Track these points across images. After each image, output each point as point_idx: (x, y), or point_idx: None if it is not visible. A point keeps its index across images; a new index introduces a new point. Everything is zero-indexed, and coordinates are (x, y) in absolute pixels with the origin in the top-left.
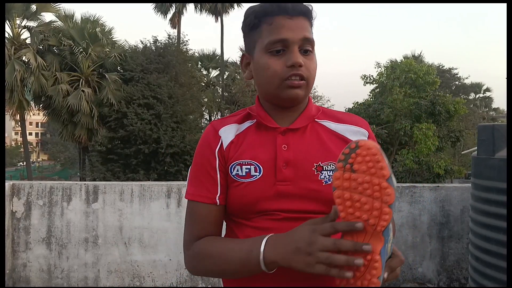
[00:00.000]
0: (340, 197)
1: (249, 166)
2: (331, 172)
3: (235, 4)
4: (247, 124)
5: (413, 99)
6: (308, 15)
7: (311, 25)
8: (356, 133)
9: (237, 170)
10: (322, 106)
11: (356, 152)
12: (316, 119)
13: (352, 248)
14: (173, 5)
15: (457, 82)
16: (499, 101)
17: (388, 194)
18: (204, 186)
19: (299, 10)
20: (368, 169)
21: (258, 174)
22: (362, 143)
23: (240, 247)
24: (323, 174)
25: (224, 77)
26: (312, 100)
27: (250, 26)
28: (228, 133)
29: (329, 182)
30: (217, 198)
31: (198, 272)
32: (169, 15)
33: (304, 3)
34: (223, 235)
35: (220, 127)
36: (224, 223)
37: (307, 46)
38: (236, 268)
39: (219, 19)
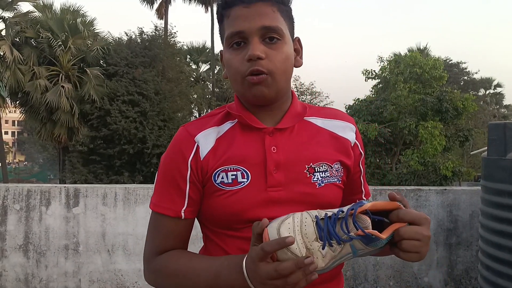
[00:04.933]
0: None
1: (235, 172)
2: (323, 173)
3: None
4: (228, 125)
5: (418, 96)
6: None
7: (280, 9)
8: (344, 128)
9: (222, 178)
10: (321, 102)
11: None
12: (303, 117)
13: (295, 268)
14: None
15: (465, 77)
16: (511, 98)
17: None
18: (170, 197)
19: None
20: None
21: (246, 180)
22: None
23: (207, 268)
24: (316, 177)
25: (215, 72)
26: (310, 96)
27: (218, 21)
28: (207, 140)
29: (322, 185)
30: (182, 211)
31: (160, 287)
32: (156, 5)
33: None
34: (197, 248)
35: (196, 132)
36: (199, 235)
37: (271, 34)
38: None
39: (209, 9)
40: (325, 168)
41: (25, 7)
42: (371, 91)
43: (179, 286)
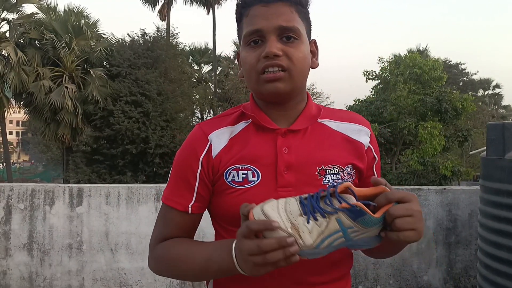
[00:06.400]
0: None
1: (246, 171)
2: (334, 176)
3: None
4: (242, 125)
5: (418, 96)
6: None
7: (298, 10)
8: (359, 132)
9: (233, 176)
10: (321, 103)
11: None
12: (317, 119)
13: (277, 245)
14: None
15: (465, 78)
16: (510, 98)
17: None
18: (179, 191)
19: None
20: None
21: (256, 179)
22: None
23: (202, 251)
24: (327, 179)
25: (217, 73)
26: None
27: (236, 20)
28: (220, 139)
29: None
30: (189, 206)
31: (160, 273)
32: (158, 7)
33: None
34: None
35: (210, 131)
36: (212, 230)
37: (288, 33)
38: (195, 273)
39: (210, 10)
40: (336, 171)
41: (29, 8)
42: (372, 91)
43: (176, 270)
